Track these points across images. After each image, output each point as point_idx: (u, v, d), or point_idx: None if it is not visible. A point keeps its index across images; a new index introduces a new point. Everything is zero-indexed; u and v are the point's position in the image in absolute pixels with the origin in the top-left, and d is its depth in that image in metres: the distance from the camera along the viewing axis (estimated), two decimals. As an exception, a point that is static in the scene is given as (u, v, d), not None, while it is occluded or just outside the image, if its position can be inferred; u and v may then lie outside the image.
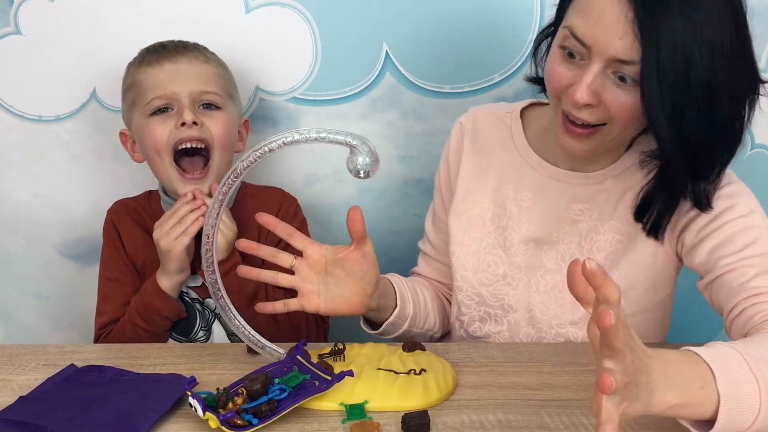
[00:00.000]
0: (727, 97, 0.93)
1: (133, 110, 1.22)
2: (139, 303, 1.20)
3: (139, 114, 1.21)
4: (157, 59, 1.21)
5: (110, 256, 1.28)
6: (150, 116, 1.19)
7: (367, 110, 1.43)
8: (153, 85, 1.19)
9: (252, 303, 1.18)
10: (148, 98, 1.19)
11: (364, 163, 0.84)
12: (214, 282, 0.93)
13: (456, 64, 1.40)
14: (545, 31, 1.08)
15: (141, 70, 1.21)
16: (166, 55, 1.21)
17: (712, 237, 1.02)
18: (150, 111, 1.19)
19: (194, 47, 1.25)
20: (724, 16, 0.91)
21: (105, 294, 1.27)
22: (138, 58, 1.24)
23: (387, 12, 1.38)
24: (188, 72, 1.20)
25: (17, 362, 1.02)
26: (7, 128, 1.43)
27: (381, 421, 0.84)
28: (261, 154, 0.86)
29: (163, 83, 1.18)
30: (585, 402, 0.91)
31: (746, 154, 1.44)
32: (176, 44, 1.24)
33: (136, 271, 1.27)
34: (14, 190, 1.47)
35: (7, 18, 1.37)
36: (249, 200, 1.29)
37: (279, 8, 1.38)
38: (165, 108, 1.19)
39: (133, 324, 1.20)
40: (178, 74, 1.19)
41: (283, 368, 0.92)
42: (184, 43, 1.25)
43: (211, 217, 0.92)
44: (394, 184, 1.47)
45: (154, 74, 1.19)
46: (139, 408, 0.85)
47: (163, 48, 1.23)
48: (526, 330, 1.15)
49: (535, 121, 1.18)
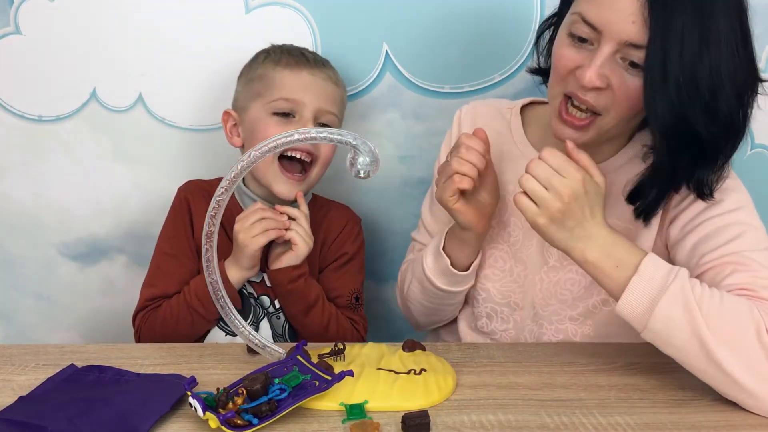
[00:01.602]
0: (729, 88, 0.93)
1: (255, 101, 1.25)
2: (201, 288, 1.20)
3: (261, 107, 1.24)
4: (298, 64, 1.25)
5: (175, 232, 1.29)
6: (272, 115, 1.23)
7: (367, 110, 1.43)
8: (286, 87, 1.23)
9: (311, 310, 1.24)
10: (276, 96, 1.23)
11: (364, 163, 0.84)
12: (214, 282, 0.92)
13: (456, 64, 1.40)
14: (549, 21, 1.09)
15: (279, 69, 1.25)
16: (307, 65, 1.26)
17: (695, 232, 1.02)
18: (273, 109, 1.23)
19: (329, 65, 1.30)
20: (732, 10, 0.92)
21: (160, 268, 1.28)
22: (276, 55, 1.27)
23: (387, 12, 1.38)
24: (321, 88, 1.25)
25: (17, 362, 1.02)
26: (7, 128, 1.43)
27: (381, 421, 0.84)
28: (261, 154, 0.86)
29: (296, 89, 1.23)
30: (585, 402, 0.91)
31: (746, 154, 1.44)
32: (314, 56, 1.29)
33: (197, 252, 1.28)
34: (14, 190, 1.47)
35: (7, 18, 1.37)
36: (318, 211, 1.32)
37: (279, 8, 1.38)
38: (287, 113, 1.23)
39: (189, 306, 1.21)
40: (312, 86, 1.24)
41: (283, 368, 0.92)
42: (321, 58, 1.30)
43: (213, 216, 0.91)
44: (394, 184, 1.47)
45: (292, 77, 1.24)
46: (139, 408, 0.85)
47: (302, 56, 1.27)
48: (530, 327, 1.15)
49: (535, 118, 1.18)
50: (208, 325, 1.25)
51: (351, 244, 1.33)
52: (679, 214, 1.05)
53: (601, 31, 0.94)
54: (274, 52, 1.28)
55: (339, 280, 1.31)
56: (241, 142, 1.29)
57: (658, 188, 1.02)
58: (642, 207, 1.04)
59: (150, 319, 1.24)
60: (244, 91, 1.28)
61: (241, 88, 1.30)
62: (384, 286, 1.53)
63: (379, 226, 1.49)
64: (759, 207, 1.05)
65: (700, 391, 0.94)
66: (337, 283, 1.30)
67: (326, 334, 1.24)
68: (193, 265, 1.28)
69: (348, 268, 1.32)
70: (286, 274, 1.21)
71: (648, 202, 1.03)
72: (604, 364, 1.02)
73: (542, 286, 1.13)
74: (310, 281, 1.24)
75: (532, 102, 1.21)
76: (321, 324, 1.24)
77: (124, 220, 1.47)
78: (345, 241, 1.32)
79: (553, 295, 1.13)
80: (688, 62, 0.90)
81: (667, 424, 0.86)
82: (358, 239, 1.35)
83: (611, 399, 0.92)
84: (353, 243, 1.34)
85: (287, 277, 1.21)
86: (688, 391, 0.94)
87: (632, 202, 1.05)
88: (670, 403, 0.92)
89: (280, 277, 1.21)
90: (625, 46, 0.93)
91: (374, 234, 1.49)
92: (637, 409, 0.90)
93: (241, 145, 1.30)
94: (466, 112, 1.23)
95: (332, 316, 1.25)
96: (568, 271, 1.12)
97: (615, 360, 1.03)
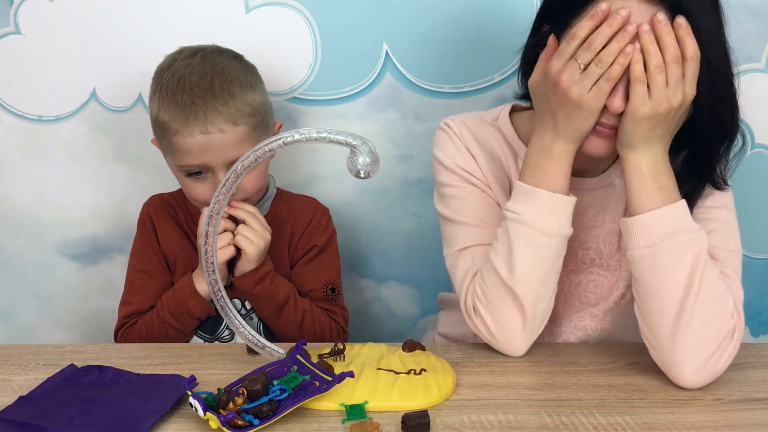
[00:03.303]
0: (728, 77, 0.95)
1: (165, 154, 1.22)
2: (172, 302, 1.21)
3: (173, 164, 1.21)
4: (186, 124, 1.14)
5: (143, 248, 1.29)
6: (186, 177, 1.20)
7: (367, 110, 1.43)
8: (184, 152, 1.16)
9: (282, 310, 1.22)
10: (179, 162, 1.18)
11: (364, 163, 0.84)
12: (214, 282, 0.92)
13: (456, 64, 1.40)
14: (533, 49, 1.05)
15: (171, 129, 1.15)
16: (196, 122, 1.14)
17: None
18: (185, 171, 1.19)
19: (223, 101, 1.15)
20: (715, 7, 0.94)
21: (133, 285, 1.28)
22: (165, 103, 1.16)
23: (387, 12, 1.38)
24: (221, 143, 1.15)
25: (17, 362, 1.02)
26: (7, 128, 1.43)
27: (381, 421, 0.84)
28: (261, 154, 0.86)
29: (195, 153, 1.16)
30: (585, 402, 0.91)
31: (746, 154, 1.43)
32: (204, 98, 1.15)
33: (167, 265, 1.28)
34: (14, 190, 1.47)
35: (7, 18, 1.37)
36: (284, 207, 1.31)
37: (279, 8, 1.38)
38: (199, 171, 1.18)
39: (162, 320, 1.21)
40: (210, 146, 1.15)
41: (283, 368, 0.92)
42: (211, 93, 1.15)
43: (212, 216, 0.91)
44: (394, 184, 1.47)
45: (185, 141, 1.15)
46: (139, 408, 0.85)
47: (192, 104, 1.14)
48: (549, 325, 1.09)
49: (524, 128, 1.14)
50: (185, 337, 1.24)
51: (320, 236, 1.30)
52: None
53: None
54: (163, 98, 1.17)
55: (311, 273, 1.28)
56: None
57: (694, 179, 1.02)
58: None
59: (129, 336, 1.24)
60: (154, 132, 1.22)
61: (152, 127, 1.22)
62: (384, 286, 1.53)
63: (379, 226, 1.49)
64: (759, 207, 1.05)
65: (700, 391, 0.94)
66: (310, 276, 1.28)
67: (302, 331, 1.22)
68: (165, 279, 1.27)
69: (319, 260, 1.29)
70: (248, 279, 1.19)
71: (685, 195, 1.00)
72: (604, 364, 1.02)
73: (563, 288, 1.12)
74: (277, 281, 1.21)
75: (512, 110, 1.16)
76: (295, 321, 1.22)
77: (124, 220, 1.47)
78: (313, 234, 1.30)
79: (576, 296, 1.13)
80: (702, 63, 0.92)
81: (667, 424, 0.86)
82: (327, 230, 1.32)
83: (611, 399, 0.92)
84: (322, 234, 1.31)
85: (251, 282, 1.19)
86: (688, 391, 0.94)
87: None
88: (670, 403, 0.91)
89: (243, 284, 1.19)
90: None
91: (374, 234, 1.49)
92: (637, 409, 0.90)
93: None
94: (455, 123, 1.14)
95: (306, 312, 1.23)
96: (588, 273, 1.12)
97: (615, 360, 1.03)
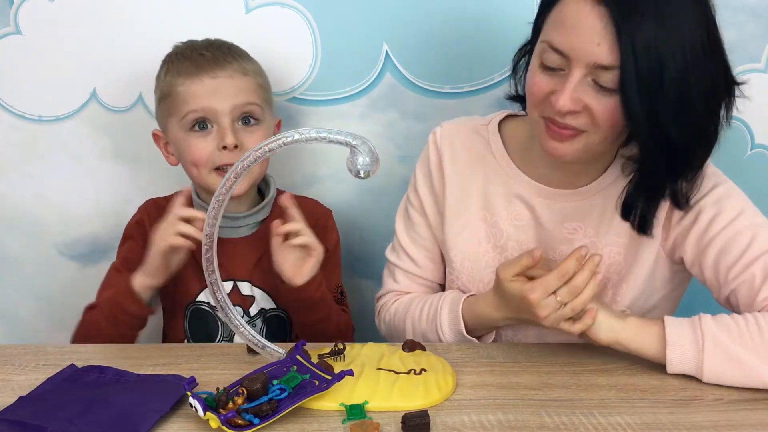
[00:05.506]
0: (702, 99, 0.94)
1: (170, 119, 1.21)
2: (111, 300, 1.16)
3: (177, 126, 1.20)
4: (197, 70, 1.17)
5: (129, 252, 1.26)
6: (189, 131, 1.18)
7: (367, 110, 1.43)
8: (191, 99, 1.17)
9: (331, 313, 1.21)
10: (184, 111, 1.17)
11: (364, 163, 0.84)
12: (214, 281, 0.92)
13: (456, 64, 1.40)
14: (522, 50, 1.09)
15: (179, 81, 1.18)
16: (206, 67, 1.17)
17: (710, 249, 1.03)
18: (188, 125, 1.18)
19: (232, 56, 1.20)
20: (696, 22, 0.92)
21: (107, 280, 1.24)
22: (173, 65, 1.21)
23: (387, 12, 1.38)
24: (228, 86, 1.17)
25: (17, 362, 1.02)
26: (7, 128, 1.43)
27: (381, 421, 0.84)
28: (261, 154, 0.86)
29: (202, 98, 1.16)
30: (585, 402, 0.91)
31: (746, 154, 1.43)
32: (216, 52, 1.20)
33: None
34: (14, 190, 1.47)
35: (7, 18, 1.37)
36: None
37: (279, 8, 1.38)
38: (203, 122, 1.18)
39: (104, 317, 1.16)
40: (218, 89, 1.16)
41: (283, 368, 0.92)
42: (221, 51, 1.20)
43: (212, 216, 0.91)
44: (394, 184, 1.47)
45: (193, 87, 1.17)
46: (139, 408, 0.85)
47: (201, 56, 1.19)
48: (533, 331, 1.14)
49: (514, 135, 1.16)
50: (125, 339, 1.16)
51: (329, 239, 1.28)
52: (686, 232, 1.05)
53: (569, 56, 0.94)
54: (173, 61, 1.21)
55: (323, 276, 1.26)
56: (177, 161, 1.25)
57: (644, 198, 1.03)
58: (635, 220, 1.05)
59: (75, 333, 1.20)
60: (159, 110, 1.24)
61: (156, 106, 1.25)
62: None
63: (379, 226, 1.49)
64: (759, 207, 1.05)
65: (700, 391, 0.94)
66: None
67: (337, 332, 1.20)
68: None
69: (329, 263, 1.26)
70: (315, 283, 1.16)
71: (639, 214, 1.04)
72: (604, 364, 1.02)
73: None
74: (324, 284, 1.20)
75: (507, 116, 1.19)
76: (338, 325, 1.21)
77: (124, 220, 1.46)
78: (323, 238, 1.25)
79: None
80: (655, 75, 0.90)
81: (667, 424, 0.86)
82: (333, 232, 1.32)
83: (611, 399, 0.92)
84: (330, 237, 1.30)
85: (314, 286, 1.16)
86: (688, 391, 0.94)
87: (626, 217, 1.06)
88: (670, 403, 0.91)
89: (311, 289, 1.15)
90: (595, 68, 0.93)
91: (374, 234, 1.49)
92: (637, 409, 0.90)
93: (177, 164, 1.26)
94: (441, 134, 1.19)
95: (341, 314, 1.24)
96: None
97: (615, 360, 1.03)
